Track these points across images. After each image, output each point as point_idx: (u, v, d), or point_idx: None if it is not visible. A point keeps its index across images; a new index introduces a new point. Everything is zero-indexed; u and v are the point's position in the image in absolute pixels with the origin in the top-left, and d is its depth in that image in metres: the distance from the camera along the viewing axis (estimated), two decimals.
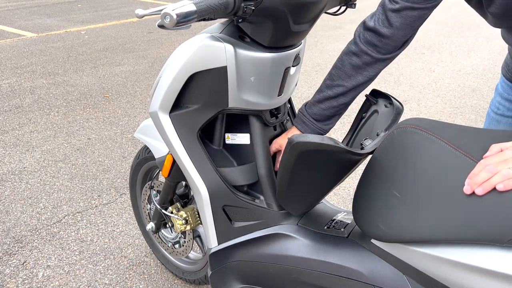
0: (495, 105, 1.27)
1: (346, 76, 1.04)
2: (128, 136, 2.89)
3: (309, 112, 1.11)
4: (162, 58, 4.43)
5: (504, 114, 1.25)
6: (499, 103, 1.26)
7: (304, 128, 1.12)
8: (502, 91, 1.24)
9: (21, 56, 4.41)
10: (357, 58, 1.02)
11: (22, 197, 2.24)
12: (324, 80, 1.09)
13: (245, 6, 0.89)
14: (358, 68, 1.03)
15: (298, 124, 1.13)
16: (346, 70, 1.04)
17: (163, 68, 1.12)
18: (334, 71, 1.06)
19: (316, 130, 1.12)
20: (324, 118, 1.10)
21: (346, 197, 2.29)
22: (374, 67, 1.03)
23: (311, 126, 1.11)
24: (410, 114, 3.29)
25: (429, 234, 0.77)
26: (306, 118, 1.11)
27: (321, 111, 1.09)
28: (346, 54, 1.04)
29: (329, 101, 1.08)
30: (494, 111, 1.28)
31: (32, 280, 1.74)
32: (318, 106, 1.09)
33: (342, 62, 1.05)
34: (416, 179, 0.81)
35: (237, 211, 1.17)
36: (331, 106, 1.08)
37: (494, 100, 1.28)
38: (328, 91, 1.07)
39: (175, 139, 1.13)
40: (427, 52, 4.77)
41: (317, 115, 1.10)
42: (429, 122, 0.86)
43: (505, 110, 1.24)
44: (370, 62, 1.02)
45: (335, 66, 1.06)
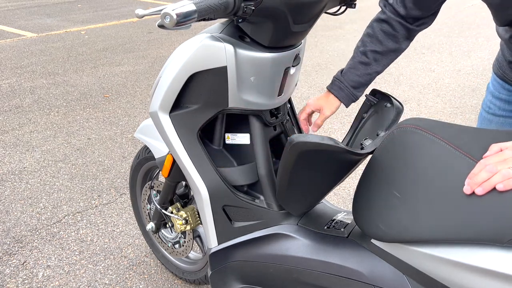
0: (486, 104, 1.27)
1: (378, 41, 1.10)
2: (128, 136, 2.89)
3: (346, 79, 1.15)
4: (162, 58, 4.43)
5: (495, 113, 1.24)
6: (490, 102, 1.25)
7: (339, 93, 1.17)
8: (493, 90, 1.24)
9: (21, 56, 4.41)
10: (387, 24, 1.09)
11: (22, 197, 2.24)
12: (357, 47, 1.14)
13: (245, 6, 0.89)
14: (389, 34, 1.09)
15: (334, 90, 1.17)
16: (378, 36, 1.10)
17: (163, 68, 1.12)
18: (366, 38, 1.12)
19: (351, 96, 1.16)
20: (359, 85, 1.15)
21: (346, 197, 2.29)
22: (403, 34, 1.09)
23: (347, 92, 1.16)
24: (410, 114, 3.30)
25: (429, 234, 0.77)
26: (343, 84, 1.16)
27: (357, 77, 1.14)
28: (376, 21, 1.11)
29: (364, 67, 1.13)
30: (486, 110, 1.27)
31: (32, 280, 1.74)
32: (353, 73, 1.14)
33: (373, 29, 1.11)
34: (416, 179, 0.81)
35: (237, 211, 1.17)
36: (365, 73, 1.13)
37: (485, 99, 1.28)
38: (363, 56, 1.12)
39: (175, 139, 1.13)
40: (427, 52, 4.77)
41: (353, 82, 1.15)
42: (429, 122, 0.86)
43: (496, 109, 1.23)
44: (399, 29, 1.08)
45: (367, 34, 1.12)
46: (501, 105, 1.22)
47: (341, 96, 1.17)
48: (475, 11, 6.90)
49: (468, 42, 5.16)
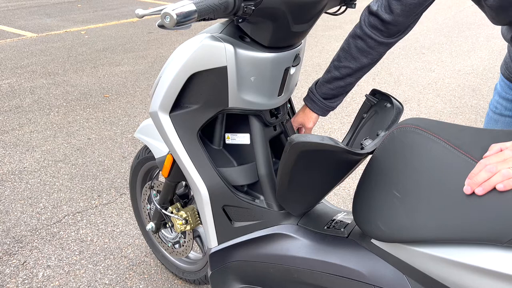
0: (493, 104, 1.28)
1: (352, 58, 1.11)
2: (128, 136, 2.89)
3: (318, 92, 1.18)
4: (162, 58, 4.43)
5: (502, 113, 1.25)
6: (497, 102, 1.26)
7: (313, 106, 1.20)
8: (501, 90, 1.24)
9: (21, 56, 4.41)
10: (362, 41, 1.08)
11: (22, 197, 2.24)
12: (332, 61, 1.15)
13: (245, 6, 0.89)
14: (363, 51, 1.09)
15: (308, 102, 1.21)
16: (352, 53, 1.10)
17: (163, 68, 1.12)
18: (341, 53, 1.13)
19: (324, 107, 1.19)
20: (332, 97, 1.17)
21: (346, 197, 2.29)
22: (378, 50, 1.09)
23: (319, 104, 1.19)
24: (410, 114, 3.30)
25: (429, 234, 0.77)
26: (315, 97, 1.18)
27: (330, 90, 1.16)
28: (352, 37, 1.10)
29: (337, 81, 1.14)
30: (493, 110, 1.28)
31: (32, 280, 1.74)
32: (326, 86, 1.16)
33: (348, 45, 1.11)
34: (416, 179, 0.81)
35: (237, 211, 1.17)
36: (338, 86, 1.15)
37: (493, 99, 1.29)
38: (336, 71, 1.14)
39: (175, 139, 1.13)
40: (427, 52, 4.77)
41: (325, 94, 1.17)
42: (429, 122, 0.86)
43: (503, 109, 1.24)
44: (374, 46, 1.08)
45: (342, 48, 1.13)
46: (507, 106, 1.22)
47: (314, 108, 1.20)
48: (475, 11, 6.90)
49: (468, 42, 5.16)
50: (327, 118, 3.17)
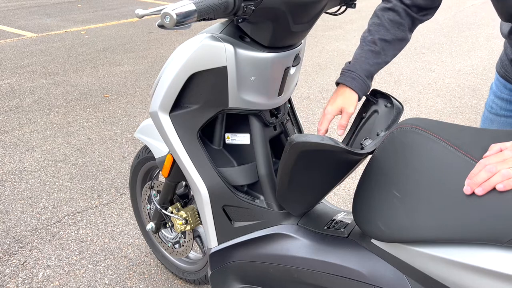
0: (489, 104, 1.27)
1: (385, 29, 1.09)
2: (128, 136, 2.89)
3: (358, 68, 1.10)
4: (162, 58, 4.43)
5: (497, 113, 1.24)
6: (492, 102, 1.25)
7: (354, 84, 1.09)
8: (496, 90, 1.24)
9: (21, 56, 4.41)
10: (393, 12, 1.08)
11: (22, 197, 2.24)
12: (363, 38, 1.11)
13: (245, 6, 0.89)
14: (395, 22, 1.08)
15: (348, 82, 1.10)
16: (385, 24, 1.09)
17: (163, 68, 1.12)
18: (372, 27, 1.10)
19: (364, 86, 1.10)
20: (369, 74, 1.11)
21: (346, 197, 2.29)
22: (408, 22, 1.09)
23: (360, 82, 1.10)
24: (410, 114, 3.30)
25: (429, 234, 0.77)
26: (355, 74, 1.10)
27: (368, 66, 1.10)
28: (382, 10, 1.09)
29: (374, 55, 1.09)
30: (488, 110, 1.27)
31: (32, 280, 1.74)
32: (365, 61, 1.10)
33: (379, 18, 1.09)
34: (416, 179, 0.81)
35: (237, 211, 1.17)
36: (375, 62, 1.10)
37: (488, 99, 1.28)
38: (373, 45, 1.09)
39: (175, 139, 1.13)
40: (427, 52, 4.77)
41: (365, 71, 1.10)
42: (429, 122, 0.86)
43: (498, 108, 1.23)
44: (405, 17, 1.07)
45: (372, 23, 1.10)
46: (502, 105, 1.22)
47: (355, 86, 1.09)
48: (475, 11, 6.90)
49: (468, 42, 5.16)
50: None
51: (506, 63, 1.18)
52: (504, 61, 1.19)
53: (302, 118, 3.18)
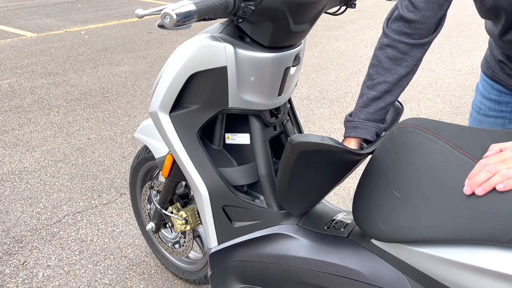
0: (476, 105, 1.24)
1: (385, 71, 0.99)
2: (128, 136, 2.89)
3: (357, 118, 1.03)
4: (162, 58, 4.43)
5: (486, 114, 1.22)
6: (480, 103, 1.23)
7: (357, 132, 1.02)
8: (483, 90, 1.22)
9: (21, 56, 4.41)
10: (392, 49, 0.97)
11: (22, 197, 2.24)
12: (364, 83, 1.03)
13: (245, 6, 0.89)
14: (396, 59, 0.98)
15: (351, 132, 1.03)
16: (385, 65, 0.99)
17: (163, 68, 1.12)
18: (371, 70, 1.01)
19: (372, 128, 1.02)
20: (376, 121, 1.03)
21: (346, 197, 2.29)
22: (412, 54, 0.97)
23: (364, 127, 1.02)
24: (410, 114, 3.30)
25: (429, 234, 0.77)
26: (355, 122, 1.03)
27: (369, 115, 1.02)
28: (380, 49, 0.99)
29: (376, 102, 1.01)
30: (477, 111, 1.24)
31: (32, 280, 1.74)
32: (364, 111, 1.02)
33: (377, 59, 1.00)
34: (416, 179, 0.81)
35: (237, 211, 1.17)
36: (378, 108, 1.01)
37: (475, 99, 1.25)
38: (372, 91, 1.00)
39: (175, 139, 1.13)
40: (427, 52, 4.78)
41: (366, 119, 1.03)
42: (428, 122, 0.86)
43: (487, 109, 1.21)
44: (407, 50, 0.97)
45: (372, 65, 1.01)
46: (491, 106, 1.20)
47: (360, 133, 1.02)
48: (475, 11, 6.90)
49: (468, 42, 5.16)
50: (327, 118, 3.17)
51: (493, 64, 1.16)
52: (490, 62, 1.17)
53: (302, 118, 3.18)
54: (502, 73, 1.15)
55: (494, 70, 1.16)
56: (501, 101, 1.18)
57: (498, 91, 1.18)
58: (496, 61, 1.15)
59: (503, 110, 1.18)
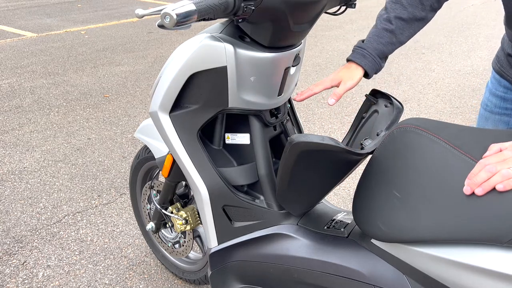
0: (484, 102, 1.25)
1: (402, 8, 1.05)
2: (128, 136, 2.89)
3: (370, 46, 1.07)
4: (162, 58, 4.43)
5: (492, 111, 1.22)
6: (487, 99, 1.23)
7: (363, 61, 1.07)
8: (491, 87, 1.22)
9: (21, 56, 4.41)
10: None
11: (22, 197, 2.24)
12: (380, 16, 1.08)
13: (245, 6, 0.89)
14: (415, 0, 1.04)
15: (357, 59, 1.08)
16: (403, 2, 1.05)
17: (163, 68, 1.12)
18: (389, 4, 1.07)
19: (375, 64, 1.08)
20: (382, 55, 1.08)
21: (346, 197, 2.29)
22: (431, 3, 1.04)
23: (371, 59, 1.07)
24: (410, 114, 3.30)
25: (429, 234, 0.77)
26: (367, 51, 1.07)
27: (381, 46, 1.07)
28: None
29: (388, 35, 1.06)
30: (484, 107, 1.25)
31: (32, 280, 1.74)
32: (378, 40, 1.07)
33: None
34: (416, 179, 0.81)
35: (237, 211, 1.17)
36: (389, 42, 1.06)
37: (484, 96, 1.26)
38: (388, 23, 1.06)
39: (175, 139, 1.13)
40: (427, 52, 4.77)
41: (377, 50, 1.07)
42: (429, 122, 0.86)
43: (492, 106, 1.21)
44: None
45: (391, 0, 1.07)
46: (497, 103, 1.20)
47: (364, 63, 1.07)
48: (475, 11, 6.90)
49: (468, 42, 5.16)
50: (327, 118, 3.17)
51: (502, 58, 1.16)
52: (500, 57, 1.18)
53: (302, 118, 3.18)
54: (510, 67, 1.14)
55: (502, 64, 1.16)
56: (507, 98, 1.18)
57: (505, 88, 1.17)
58: (505, 55, 1.14)
59: (508, 107, 1.18)
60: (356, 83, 1.07)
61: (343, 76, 1.08)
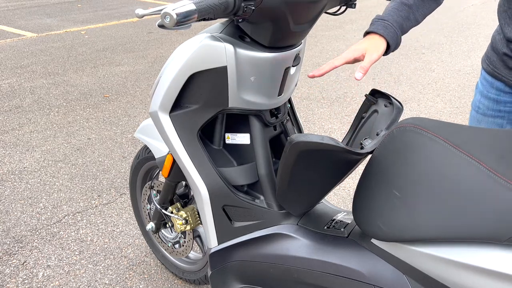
0: (476, 104, 1.23)
1: None
2: (128, 136, 2.89)
3: (390, 18, 1.03)
4: (162, 58, 4.43)
5: (484, 113, 1.20)
6: (479, 102, 1.21)
7: (386, 32, 1.01)
8: (482, 89, 1.20)
9: (21, 56, 4.41)
10: None
11: (22, 197, 2.24)
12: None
13: (245, 6, 0.89)
14: None
15: (379, 30, 1.01)
16: None
17: (163, 68, 1.12)
18: None
19: (396, 37, 1.02)
20: (401, 28, 1.04)
21: (346, 197, 2.29)
22: None
23: (392, 30, 1.02)
24: (410, 114, 3.30)
25: (429, 233, 0.77)
26: (388, 22, 1.03)
27: (400, 19, 1.04)
28: None
29: (406, 9, 1.05)
30: (475, 110, 1.23)
31: (32, 280, 1.74)
32: (397, 13, 1.04)
33: None
34: (416, 179, 0.81)
35: (237, 211, 1.17)
36: (406, 17, 1.05)
37: (475, 98, 1.24)
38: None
39: (175, 139, 1.13)
40: (427, 52, 4.77)
41: (397, 23, 1.04)
42: (428, 121, 0.86)
43: (485, 109, 1.20)
44: None
45: None
46: (489, 105, 1.18)
47: (387, 34, 1.01)
48: (475, 11, 6.90)
49: (468, 42, 5.16)
50: (327, 118, 3.17)
51: (495, 59, 1.14)
52: (491, 57, 1.16)
53: (302, 118, 3.18)
54: (504, 67, 1.12)
55: (495, 65, 1.14)
56: (500, 100, 1.16)
57: (497, 90, 1.16)
58: (499, 55, 1.13)
59: (501, 109, 1.17)
60: (381, 54, 1.00)
61: (367, 47, 1.00)
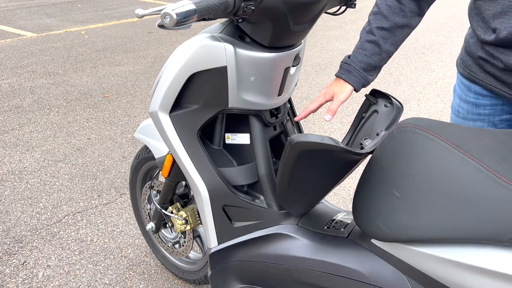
0: (455, 108, 1.21)
1: (383, 17, 1.06)
2: (128, 136, 2.89)
3: (354, 61, 1.09)
4: (162, 58, 4.43)
5: (465, 117, 1.18)
6: (458, 106, 1.19)
7: (349, 77, 1.09)
8: (460, 93, 1.17)
9: (21, 56, 4.41)
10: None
11: (22, 197, 2.24)
12: (363, 29, 1.10)
13: (245, 6, 0.89)
14: (394, 7, 1.06)
15: (343, 74, 1.10)
16: (383, 12, 1.06)
17: (163, 68, 1.12)
18: (371, 17, 1.09)
19: (361, 79, 1.09)
20: (369, 67, 1.09)
21: (346, 197, 2.29)
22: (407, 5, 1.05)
23: (356, 74, 1.08)
24: (410, 114, 3.30)
25: (429, 234, 0.77)
26: (351, 66, 1.09)
27: (366, 58, 1.08)
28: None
29: (372, 46, 1.07)
30: (455, 114, 1.21)
31: (32, 280, 1.74)
32: (362, 53, 1.08)
33: (378, 7, 1.08)
34: (416, 179, 0.81)
35: (237, 211, 1.17)
36: (374, 53, 1.07)
37: (453, 102, 1.21)
38: (370, 35, 1.07)
39: (175, 139, 1.13)
40: (427, 52, 4.77)
41: (362, 63, 1.08)
42: (428, 122, 0.86)
43: (465, 113, 1.17)
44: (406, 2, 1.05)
45: (372, 12, 1.09)
46: (469, 109, 1.16)
47: (350, 79, 1.09)
48: None
49: None
50: None
51: (470, 63, 1.11)
52: (466, 61, 1.13)
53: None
54: (481, 71, 1.09)
55: (471, 69, 1.11)
56: (479, 104, 1.13)
57: (476, 94, 1.13)
58: (474, 58, 1.09)
59: (481, 113, 1.14)
60: (348, 95, 1.10)
61: (335, 90, 1.11)
